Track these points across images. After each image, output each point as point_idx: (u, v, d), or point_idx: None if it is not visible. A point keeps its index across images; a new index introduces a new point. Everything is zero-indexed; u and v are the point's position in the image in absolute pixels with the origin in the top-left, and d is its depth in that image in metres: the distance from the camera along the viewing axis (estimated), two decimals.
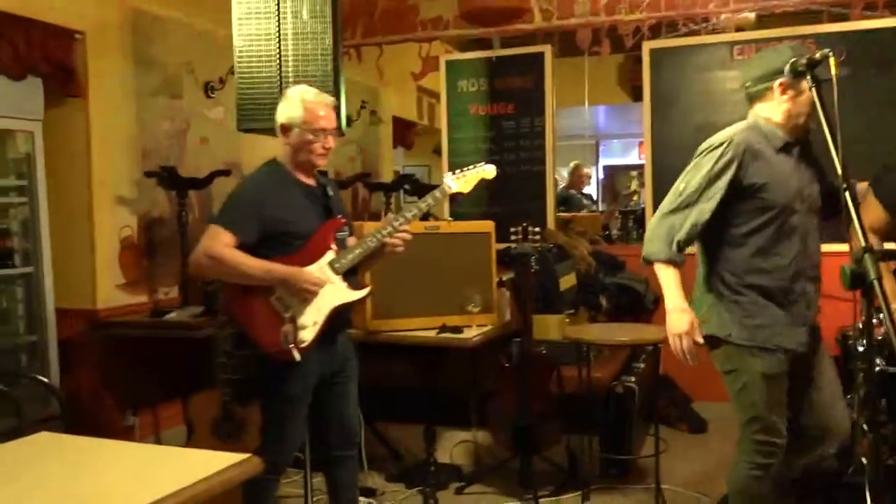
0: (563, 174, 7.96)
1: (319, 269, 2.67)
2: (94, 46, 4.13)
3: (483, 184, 2.89)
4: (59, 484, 1.69)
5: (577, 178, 7.89)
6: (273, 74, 3.29)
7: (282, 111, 2.73)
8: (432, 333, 3.71)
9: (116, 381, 4.24)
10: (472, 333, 3.80)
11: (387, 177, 7.30)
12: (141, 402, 4.38)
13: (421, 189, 5.45)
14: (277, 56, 3.28)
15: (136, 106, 4.38)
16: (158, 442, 4.35)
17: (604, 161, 10.86)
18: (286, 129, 2.72)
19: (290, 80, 3.23)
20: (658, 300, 5.16)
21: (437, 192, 2.78)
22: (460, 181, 2.84)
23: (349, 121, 5.85)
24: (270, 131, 3.49)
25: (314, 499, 3.30)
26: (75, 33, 4.05)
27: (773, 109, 2.51)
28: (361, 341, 3.50)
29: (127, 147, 4.33)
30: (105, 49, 4.21)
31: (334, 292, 2.70)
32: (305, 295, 2.63)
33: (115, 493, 1.63)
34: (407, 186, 5.67)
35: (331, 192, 2.77)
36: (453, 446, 4.33)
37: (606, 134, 10.98)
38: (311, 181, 2.76)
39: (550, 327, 4.20)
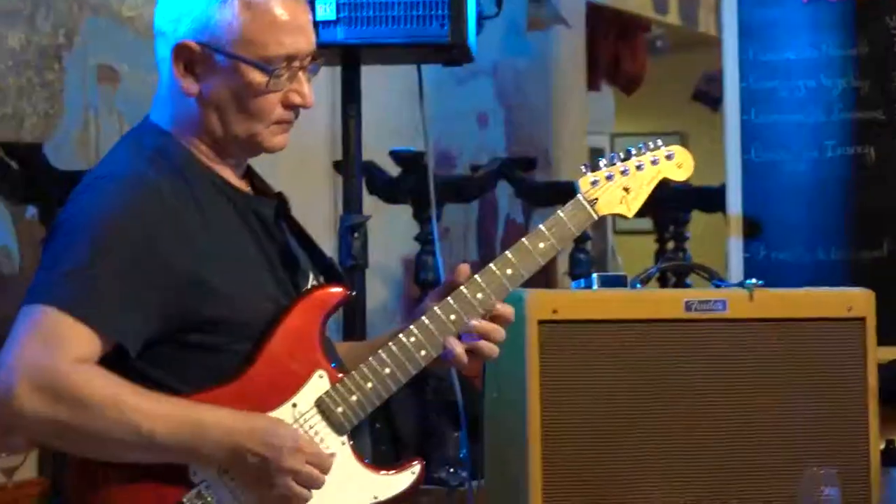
0: None
1: (298, 419, 2.20)
2: None
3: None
4: None
5: None
6: None
7: (178, 11, 2.17)
8: None
9: None
10: None
11: (571, 168, 6.17)
12: None
13: (664, 198, 4.58)
14: None
15: None
16: None
17: None
18: (193, 56, 2.14)
19: None
20: None
21: (563, 215, 2.39)
22: (607, 194, 2.40)
23: (479, 21, 4.27)
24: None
25: None
26: None
27: None
28: None
29: None
30: None
31: (344, 480, 2.24)
32: (288, 489, 2.10)
33: None
34: None
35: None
36: None
37: None
38: (245, 186, 2.28)
39: None
